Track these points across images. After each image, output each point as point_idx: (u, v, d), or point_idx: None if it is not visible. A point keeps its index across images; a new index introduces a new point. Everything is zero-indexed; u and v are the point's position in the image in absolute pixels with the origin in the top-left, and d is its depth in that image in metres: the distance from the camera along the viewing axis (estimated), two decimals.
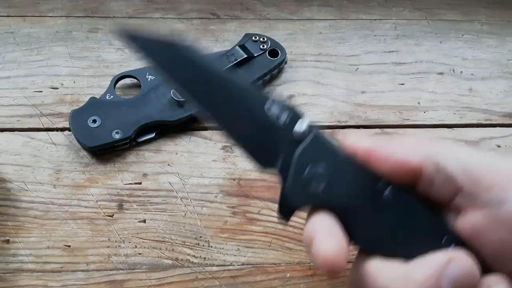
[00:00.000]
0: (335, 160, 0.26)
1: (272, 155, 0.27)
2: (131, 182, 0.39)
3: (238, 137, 0.28)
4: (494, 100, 0.44)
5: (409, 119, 0.43)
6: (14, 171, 0.38)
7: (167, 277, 0.35)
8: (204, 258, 0.36)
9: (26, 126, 0.40)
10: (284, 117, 0.27)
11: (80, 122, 0.39)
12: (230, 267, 0.36)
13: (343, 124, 0.42)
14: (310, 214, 0.26)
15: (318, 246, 0.24)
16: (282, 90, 0.44)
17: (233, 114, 0.28)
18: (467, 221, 0.23)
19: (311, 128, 0.26)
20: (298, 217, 0.37)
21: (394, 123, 0.42)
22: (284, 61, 0.43)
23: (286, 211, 0.27)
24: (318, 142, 0.26)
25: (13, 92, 0.42)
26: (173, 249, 0.36)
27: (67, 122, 0.40)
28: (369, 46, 0.46)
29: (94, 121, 0.39)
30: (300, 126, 0.26)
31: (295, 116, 0.27)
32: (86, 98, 0.40)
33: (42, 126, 0.40)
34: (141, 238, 0.36)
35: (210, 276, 0.35)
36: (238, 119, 0.28)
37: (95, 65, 0.44)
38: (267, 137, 0.27)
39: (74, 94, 0.42)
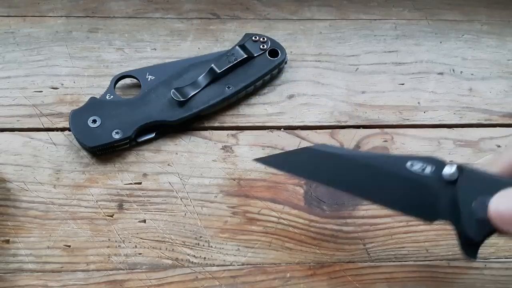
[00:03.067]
0: (495, 188, 0.26)
1: (433, 207, 0.28)
2: (131, 182, 0.39)
3: (398, 205, 0.30)
4: (494, 100, 0.44)
5: (409, 119, 0.43)
6: (14, 171, 0.38)
7: (167, 277, 0.35)
8: (204, 258, 0.36)
9: (26, 126, 0.40)
10: (428, 169, 0.28)
11: (80, 122, 0.39)
12: (230, 267, 0.36)
13: (343, 124, 0.42)
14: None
15: None
16: (282, 90, 0.44)
17: (383, 187, 0.30)
18: None
19: (460, 168, 0.27)
20: (298, 217, 0.38)
21: (394, 123, 0.42)
22: (284, 61, 0.43)
23: (472, 250, 0.27)
24: (472, 178, 0.27)
25: (13, 92, 0.42)
26: (173, 249, 0.36)
27: (67, 122, 0.40)
28: (369, 46, 0.46)
29: (94, 121, 0.39)
30: (449, 169, 0.27)
31: (438, 163, 0.28)
32: (86, 98, 0.40)
33: (42, 126, 0.40)
34: (141, 238, 0.36)
35: (210, 276, 0.35)
36: (389, 189, 0.29)
37: (95, 65, 0.44)
38: (422, 193, 0.28)
39: (74, 94, 0.42)
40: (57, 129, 0.40)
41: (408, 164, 0.29)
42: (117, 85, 0.41)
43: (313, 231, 0.37)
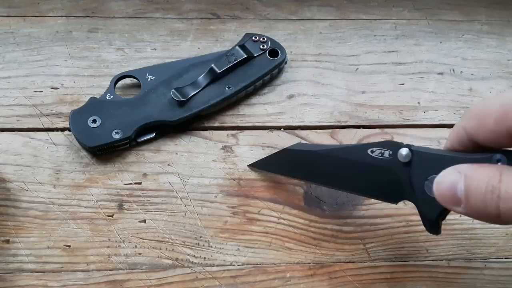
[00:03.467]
0: (443, 164, 0.27)
1: (396, 189, 0.30)
2: (131, 182, 0.39)
3: (365, 191, 0.33)
4: None
5: (409, 119, 0.43)
6: (14, 171, 0.38)
7: (167, 277, 0.35)
8: (204, 258, 0.36)
9: (26, 126, 0.40)
10: (386, 153, 0.30)
11: (80, 122, 0.39)
12: (230, 267, 0.36)
13: (343, 124, 0.42)
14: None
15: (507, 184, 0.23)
16: (282, 90, 0.44)
17: (351, 175, 0.32)
18: None
19: (412, 150, 0.29)
20: (298, 217, 0.38)
21: (394, 123, 0.42)
22: (284, 61, 0.43)
23: (433, 226, 0.29)
24: (423, 158, 0.28)
25: (13, 92, 0.42)
26: (173, 249, 0.36)
27: (67, 122, 0.40)
28: (369, 46, 0.46)
29: (94, 121, 0.39)
30: (403, 152, 0.29)
31: (394, 146, 0.30)
32: (86, 98, 0.40)
33: (42, 126, 0.40)
34: (141, 238, 0.36)
35: (210, 276, 0.35)
36: (357, 177, 0.32)
37: (95, 65, 0.44)
38: (384, 176, 0.30)
39: (74, 94, 0.42)
40: (57, 129, 0.40)
41: (369, 151, 0.31)
42: (117, 85, 0.41)
43: (313, 231, 0.37)
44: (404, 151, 0.29)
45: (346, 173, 0.33)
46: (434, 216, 0.28)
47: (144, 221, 0.37)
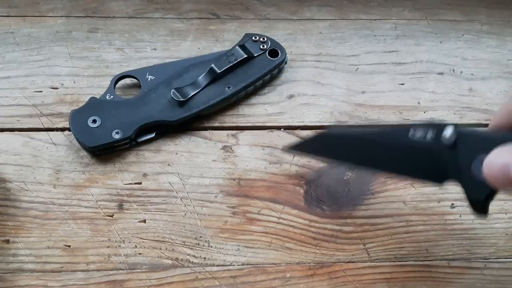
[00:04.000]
0: (492, 144, 0.26)
1: (440, 170, 0.29)
2: (131, 182, 0.39)
3: (408, 173, 0.32)
4: (494, 100, 0.44)
5: (409, 119, 0.43)
6: (14, 171, 0.38)
7: (167, 277, 0.35)
8: (204, 258, 0.36)
9: (26, 126, 0.40)
10: (429, 134, 0.29)
11: (80, 122, 0.39)
12: (230, 267, 0.36)
13: (343, 124, 0.42)
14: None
15: None
16: (282, 90, 0.44)
17: (392, 158, 0.31)
18: None
19: (457, 130, 0.28)
20: (298, 217, 0.38)
21: (394, 123, 0.42)
22: (284, 61, 0.43)
23: (482, 207, 0.28)
24: (469, 139, 0.28)
25: (13, 92, 0.42)
26: (173, 249, 0.36)
27: (67, 122, 0.40)
28: (369, 46, 0.46)
29: (94, 121, 0.39)
30: (447, 133, 0.28)
31: (438, 127, 0.29)
32: (86, 98, 0.40)
33: (42, 126, 0.40)
34: (141, 238, 0.36)
35: (210, 276, 0.35)
36: (398, 159, 0.31)
37: (95, 65, 0.44)
38: (428, 158, 0.29)
39: (74, 94, 0.42)
40: (57, 129, 0.40)
41: (410, 133, 0.30)
42: (117, 85, 0.41)
43: (313, 231, 0.37)
44: (448, 132, 0.28)
45: (387, 157, 0.32)
46: (482, 197, 0.27)
47: (144, 221, 0.37)
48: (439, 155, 0.29)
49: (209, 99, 0.41)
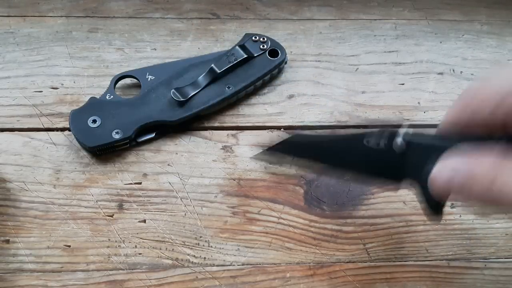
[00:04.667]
0: (435, 155, 0.27)
1: (395, 174, 0.30)
2: (131, 182, 0.39)
3: (368, 175, 0.33)
4: None
5: (409, 119, 0.43)
6: (14, 171, 0.38)
7: (167, 277, 0.35)
8: (204, 258, 0.36)
9: (26, 126, 0.40)
10: (382, 142, 0.30)
11: (80, 122, 0.39)
12: (230, 267, 0.36)
13: (343, 124, 0.42)
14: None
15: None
16: (282, 90, 0.44)
17: (352, 163, 0.33)
18: None
19: (404, 138, 0.29)
20: (298, 217, 0.38)
21: (394, 123, 0.42)
22: (284, 61, 0.43)
23: (436, 209, 0.29)
24: (418, 148, 0.28)
25: (13, 92, 0.42)
26: (173, 249, 0.36)
27: (67, 122, 0.40)
28: (369, 46, 0.46)
29: (94, 121, 0.39)
30: (397, 143, 0.29)
31: (390, 136, 0.30)
32: (86, 98, 0.40)
33: (42, 126, 0.40)
34: (141, 238, 0.36)
35: (210, 276, 0.35)
36: (357, 163, 0.32)
37: (95, 65, 0.44)
38: (383, 163, 0.30)
39: (74, 94, 0.42)
40: (57, 129, 0.40)
41: (365, 141, 0.31)
42: (117, 85, 0.41)
43: (313, 231, 0.37)
44: (398, 141, 0.29)
45: (348, 161, 0.33)
46: (434, 201, 0.28)
47: (144, 221, 0.37)
48: (393, 161, 0.30)
49: (209, 99, 0.41)
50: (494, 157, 0.23)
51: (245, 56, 0.42)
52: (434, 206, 0.28)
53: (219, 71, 0.41)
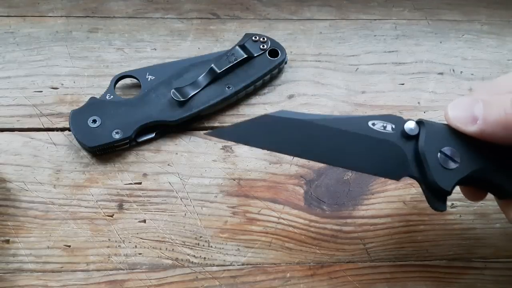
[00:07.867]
0: (456, 138, 0.28)
1: (398, 164, 0.29)
2: (131, 182, 0.39)
3: (364, 166, 0.30)
4: None
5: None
6: (14, 171, 0.38)
7: (167, 277, 0.35)
8: (204, 258, 0.36)
9: (26, 126, 0.40)
10: (389, 127, 0.29)
11: (80, 122, 0.39)
12: (230, 267, 0.36)
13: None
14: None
15: None
16: (282, 90, 0.44)
17: (348, 149, 0.30)
18: None
19: (419, 123, 0.29)
20: (298, 217, 0.38)
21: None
22: (284, 61, 0.43)
23: (440, 202, 0.29)
24: (432, 130, 0.29)
25: (13, 92, 0.42)
26: (173, 249, 0.36)
27: (67, 122, 0.40)
28: (369, 46, 0.46)
29: (94, 121, 0.39)
30: (410, 125, 0.29)
31: (397, 120, 0.29)
32: (86, 98, 0.40)
33: (42, 126, 0.40)
34: (141, 238, 0.36)
35: (210, 276, 0.35)
36: (355, 150, 0.30)
37: (95, 65, 0.44)
38: (386, 150, 0.29)
39: (74, 94, 0.42)
40: (57, 129, 0.40)
41: (370, 123, 0.29)
42: (117, 85, 0.41)
43: (313, 231, 0.37)
44: (411, 124, 0.29)
45: (343, 147, 0.29)
46: (449, 187, 0.28)
47: (144, 221, 0.37)
48: (398, 148, 0.29)
49: (209, 99, 0.41)
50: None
51: (245, 56, 0.42)
52: (447, 191, 0.28)
53: (219, 71, 0.41)
